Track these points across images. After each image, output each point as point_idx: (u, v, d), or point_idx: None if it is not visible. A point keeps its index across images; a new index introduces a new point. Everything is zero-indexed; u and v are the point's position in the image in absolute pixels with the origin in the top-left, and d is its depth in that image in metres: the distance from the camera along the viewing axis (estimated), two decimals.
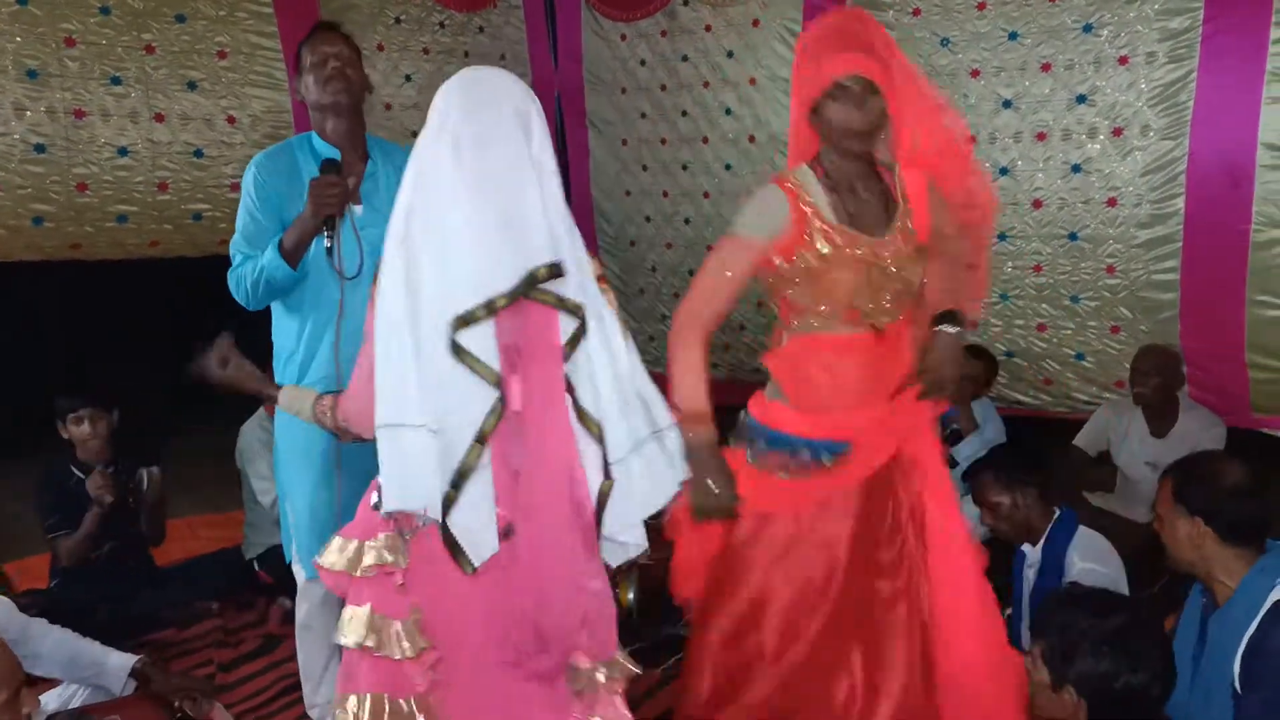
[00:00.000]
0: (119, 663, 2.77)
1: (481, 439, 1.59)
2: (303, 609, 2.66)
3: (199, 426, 2.64)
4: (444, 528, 1.60)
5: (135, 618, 3.39)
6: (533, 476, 1.66)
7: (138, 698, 2.78)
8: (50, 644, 2.69)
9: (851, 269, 1.92)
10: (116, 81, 4.15)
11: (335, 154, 2.48)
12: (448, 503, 1.60)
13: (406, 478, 1.61)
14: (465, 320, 1.57)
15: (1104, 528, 2.88)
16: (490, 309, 1.58)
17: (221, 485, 4.21)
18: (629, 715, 1.80)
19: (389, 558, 1.69)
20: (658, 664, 3.00)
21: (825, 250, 1.91)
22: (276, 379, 2.55)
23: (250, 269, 2.41)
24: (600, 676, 1.74)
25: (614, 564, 1.74)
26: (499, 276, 1.59)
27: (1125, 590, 2.70)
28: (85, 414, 3.37)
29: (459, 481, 1.59)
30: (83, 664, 2.75)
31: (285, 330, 2.55)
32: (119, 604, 3.37)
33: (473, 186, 1.60)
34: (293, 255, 2.38)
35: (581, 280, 1.67)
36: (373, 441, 1.66)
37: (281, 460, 2.61)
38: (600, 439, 1.68)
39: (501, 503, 1.65)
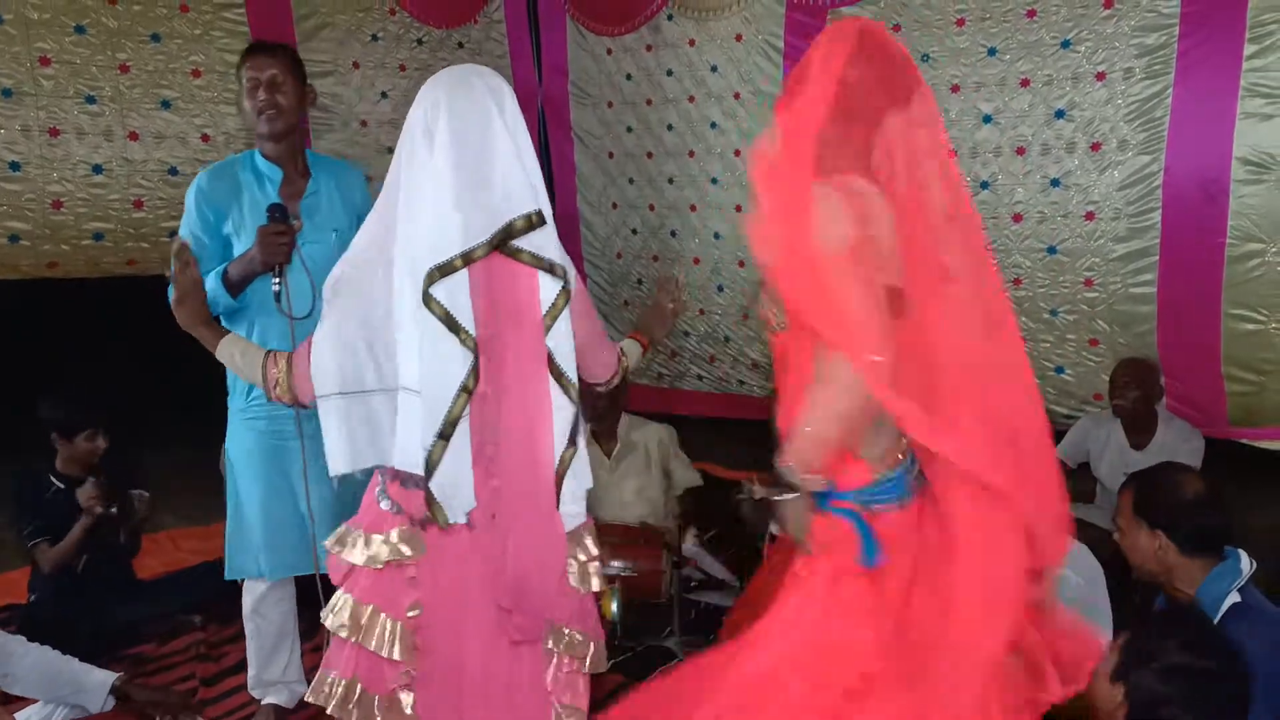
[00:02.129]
0: (98, 680, 2.90)
1: (467, 390, 1.72)
2: (249, 600, 2.87)
3: (180, 440, 2.81)
4: (425, 482, 1.74)
5: (116, 632, 3.50)
6: (511, 447, 1.79)
7: (118, 714, 2.90)
8: (28, 663, 2.81)
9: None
10: (91, 100, 4.32)
11: (276, 173, 2.66)
12: (434, 458, 1.73)
13: (356, 441, 1.80)
14: (443, 270, 1.70)
15: (1084, 539, 2.89)
16: (467, 259, 1.71)
17: (203, 498, 4.27)
18: (585, 703, 1.96)
19: (406, 552, 1.81)
20: (643, 675, 3.02)
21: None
22: (229, 391, 2.74)
23: None
24: (553, 645, 1.91)
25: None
26: (475, 228, 1.72)
27: (1106, 602, 2.81)
28: (99, 431, 3.52)
29: (447, 432, 1.73)
30: (61, 682, 2.87)
31: None
32: (99, 618, 3.47)
33: (446, 146, 1.73)
34: (235, 288, 2.54)
35: (554, 241, 1.80)
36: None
37: (234, 465, 2.78)
38: (577, 402, 1.82)
39: (480, 487, 1.78)
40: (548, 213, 1.80)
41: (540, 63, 6.04)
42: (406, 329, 1.77)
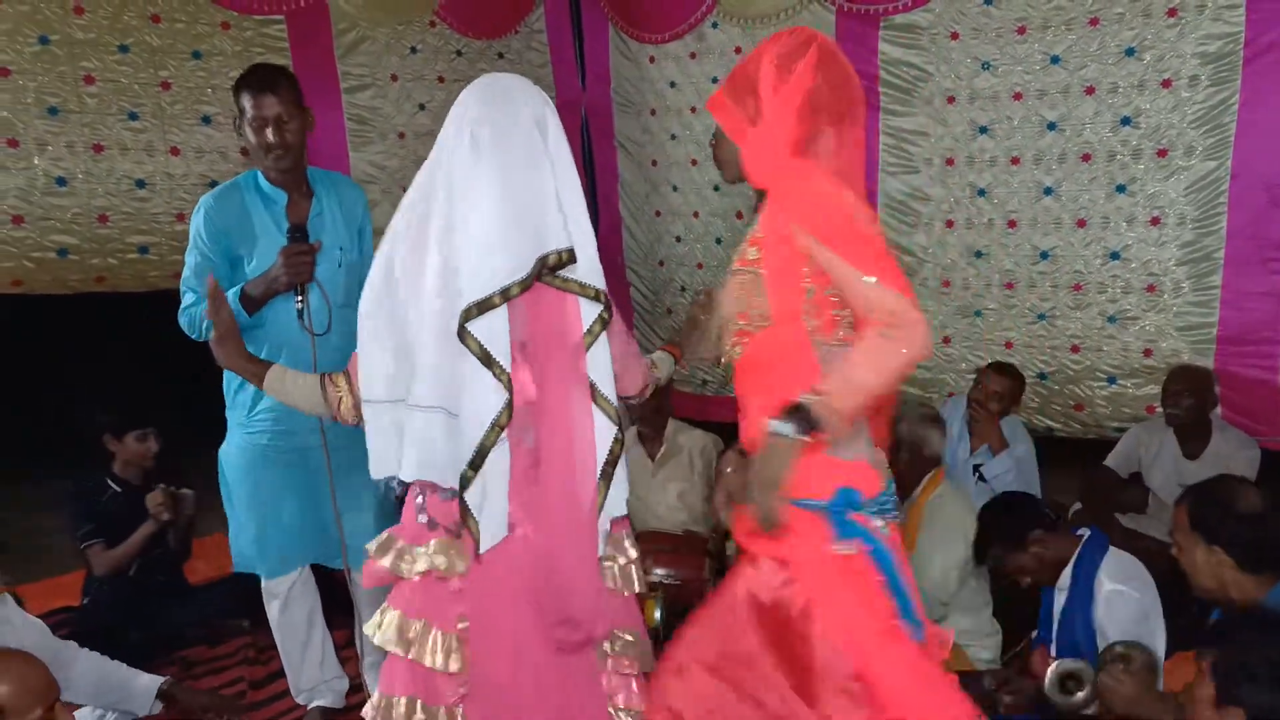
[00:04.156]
0: (146, 684, 3.12)
1: (499, 425, 1.87)
2: (274, 605, 3.12)
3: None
4: (462, 506, 1.90)
5: (167, 635, 3.79)
6: (551, 464, 1.95)
7: (165, 718, 3.14)
8: (80, 668, 3.02)
9: None
10: (134, 117, 4.68)
11: (281, 195, 2.88)
12: (465, 483, 1.89)
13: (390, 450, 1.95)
14: (481, 307, 1.84)
15: (1137, 550, 3.08)
16: (505, 295, 1.85)
17: None
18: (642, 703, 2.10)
19: (439, 563, 1.95)
20: None
21: None
22: (227, 402, 2.99)
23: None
24: (608, 648, 2.09)
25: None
26: (515, 266, 1.86)
27: (1159, 614, 2.87)
28: (151, 432, 3.89)
29: (477, 462, 1.88)
30: (110, 687, 3.09)
31: None
32: (150, 621, 3.76)
33: (490, 181, 1.87)
34: (254, 307, 2.78)
35: (596, 267, 1.95)
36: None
37: (228, 475, 3.04)
38: (619, 424, 1.98)
39: (518, 492, 1.94)
40: (584, 246, 1.94)
41: (583, 71, 6.39)
42: (433, 349, 1.90)
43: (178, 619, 3.92)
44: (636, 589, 2.12)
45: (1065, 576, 3.00)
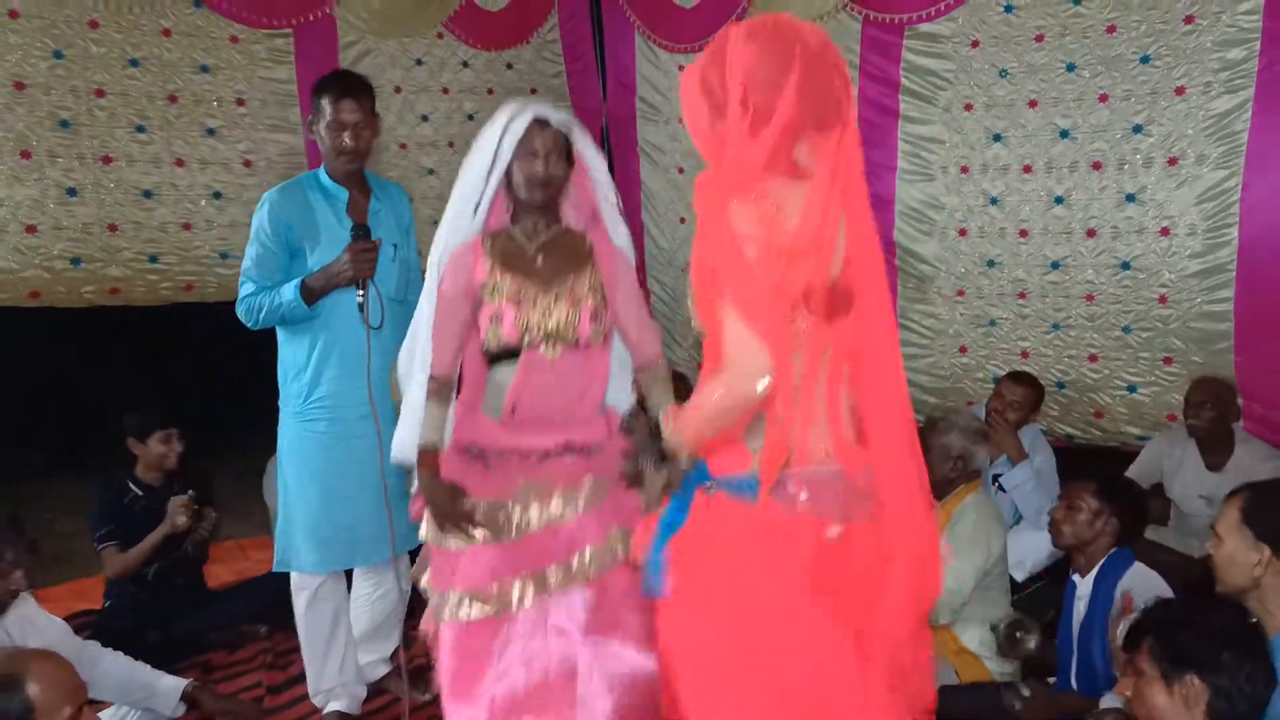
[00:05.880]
0: (170, 686, 3.33)
1: None
2: (302, 598, 3.31)
3: (251, 450, 3.30)
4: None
5: (185, 640, 3.95)
6: None
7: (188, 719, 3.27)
8: (103, 667, 3.23)
9: None
10: (141, 129, 4.93)
11: (343, 193, 3.17)
12: None
13: None
14: None
15: (1158, 562, 3.17)
16: None
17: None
18: None
19: None
20: None
21: None
22: (281, 393, 3.24)
23: (268, 302, 3.10)
24: None
25: None
26: None
27: None
28: (174, 433, 4.09)
29: None
30: (135, 687, 3.30)
31: (296, 347, 3.22)
32: (168, 626, 3.92)
33: None
34: (315, 297, 3.07)
35: None
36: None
37: (284, 465, 3.30)
38: None
39: None
40: None
41: (605, 81, 6.58)
42: None
43: (196, 623, 4.09)
44: None
45: (1087, 585, 3.14)
